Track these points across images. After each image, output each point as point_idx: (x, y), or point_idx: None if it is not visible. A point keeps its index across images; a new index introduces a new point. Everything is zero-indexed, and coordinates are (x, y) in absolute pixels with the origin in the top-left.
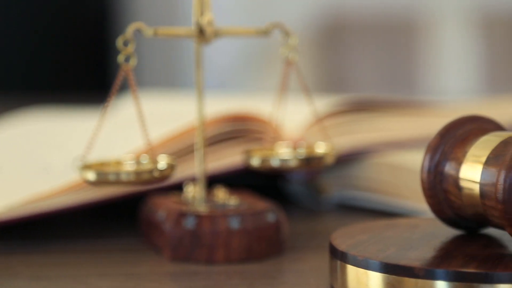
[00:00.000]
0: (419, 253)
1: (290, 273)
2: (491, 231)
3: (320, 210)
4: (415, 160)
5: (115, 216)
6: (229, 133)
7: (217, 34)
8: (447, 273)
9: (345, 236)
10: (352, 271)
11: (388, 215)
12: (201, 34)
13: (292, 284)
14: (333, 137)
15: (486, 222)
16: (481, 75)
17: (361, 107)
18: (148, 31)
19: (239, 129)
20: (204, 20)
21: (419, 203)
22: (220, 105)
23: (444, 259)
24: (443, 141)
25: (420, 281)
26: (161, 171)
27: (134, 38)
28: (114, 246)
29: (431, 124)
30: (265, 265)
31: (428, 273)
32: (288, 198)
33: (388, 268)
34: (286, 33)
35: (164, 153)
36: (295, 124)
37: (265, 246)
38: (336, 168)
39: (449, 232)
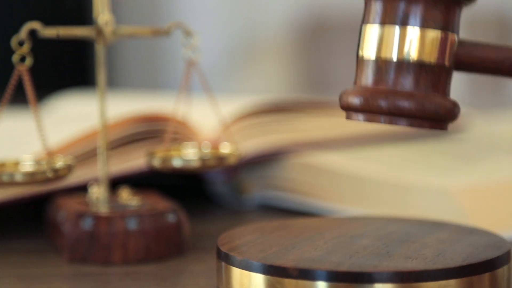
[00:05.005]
0: (300, 253)
1: (183, 274)
2: (370, 230)
3: (242, 211)
4: (331, 161)
5: (25, 218)
6: (141, 133)
7: (116, 34)
8: (319, 273)
9: (234, 237)
10: (234, 272)
11: (306, 215)
12: (100, 34)
13: (182, 285)
14: (250, 138)
15: None
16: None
17: (282, 107)
18: (45, 31)
19: (151, 130)
20: (102, 20)
21: (335, 203)
22: (140, 105)
23: (320, 260)
24: None
25: (300, 282)
26: (55, 171)
27: (29, 38)
28: (15, 247)
29: (348, 124)
30: (161, 266)
31: (302, 273)
32: (212, 199)
33: (265, 269)
34: (188, 33)
35: (71, 154)
36: (213, 125)
37: (164, 247)
38: (257, 168)
39: (336, 233)
